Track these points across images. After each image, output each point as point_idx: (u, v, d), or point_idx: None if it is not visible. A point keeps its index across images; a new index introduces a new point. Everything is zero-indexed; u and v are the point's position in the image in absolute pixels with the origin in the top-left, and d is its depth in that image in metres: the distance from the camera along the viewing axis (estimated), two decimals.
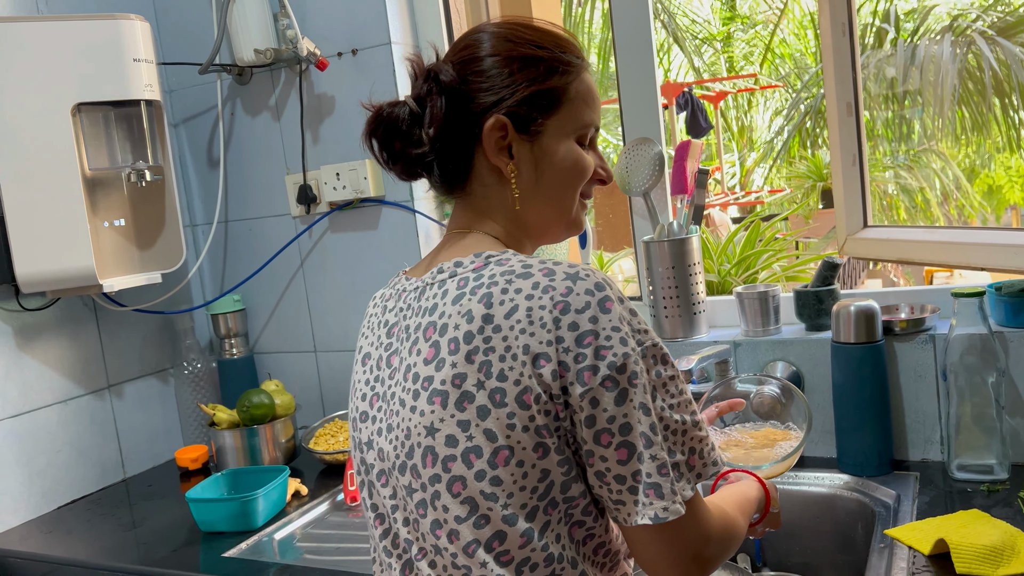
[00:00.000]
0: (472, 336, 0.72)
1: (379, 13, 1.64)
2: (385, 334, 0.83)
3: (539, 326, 0.71)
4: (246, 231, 1.88)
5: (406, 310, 0.81)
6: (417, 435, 0.74)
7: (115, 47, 1.49)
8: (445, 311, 0.75)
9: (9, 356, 1.55)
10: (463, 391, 0.72)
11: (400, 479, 0.77)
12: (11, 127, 1.45)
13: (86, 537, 1.46)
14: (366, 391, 0.83)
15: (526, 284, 0.73)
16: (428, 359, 0.75)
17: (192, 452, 1.74)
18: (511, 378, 0.71)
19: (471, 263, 0.78)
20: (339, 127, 1.72)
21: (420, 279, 0.82)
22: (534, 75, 0.79)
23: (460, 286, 0.76)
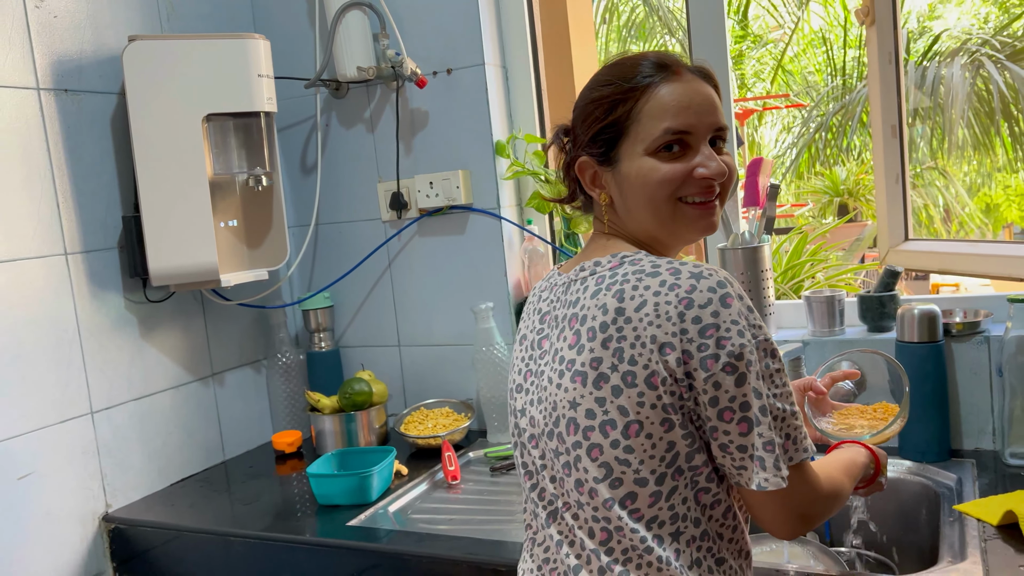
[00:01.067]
0: (607, 326, 0.86)
1: (474, 35, 1.79)
2: (538, 320, 0.98)
3: (665, 319, 0.83)
4: (336, 234, 2.03)
5: (555, 301, 0.96)
6: (562, 408, 0.89)
7: (242, 63, 1.63)
8: (585, 304, 0.89)
9: (135, 344, 1.69)
10: (599, 372, 0.85)
11: (548, 443, 0.92)
12: (149, 135, 1.59)
13: (209, 509, 1.60)
14: (522, 367, 0.98)
15: (654, 282, 0.85)
16: (571, 344, 0.89)
17: (288, 436, 1.88)
18: (640, 363, 0.83)
19: (608, 263, 0.92)
20: (431, 140, 1.87)
21: (568, 275, 0.96)
22: (598, 114, 0.93)
23: (598, 283, 0.90)
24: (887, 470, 1.10)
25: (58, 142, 1.56)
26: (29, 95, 1.52)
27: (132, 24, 1.71)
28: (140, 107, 1.58)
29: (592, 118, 0.93)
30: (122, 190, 1.68)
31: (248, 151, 1.75)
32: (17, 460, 1.47)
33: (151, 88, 1.58)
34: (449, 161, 1.86)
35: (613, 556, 0.88)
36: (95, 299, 1.62)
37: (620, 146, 0.92)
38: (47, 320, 1.53)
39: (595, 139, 0.93)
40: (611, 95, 0.92)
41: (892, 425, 1.18)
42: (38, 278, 1.52)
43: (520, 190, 1.91)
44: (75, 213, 1.59)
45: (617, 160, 0.92)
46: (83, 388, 1.59)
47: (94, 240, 1.62)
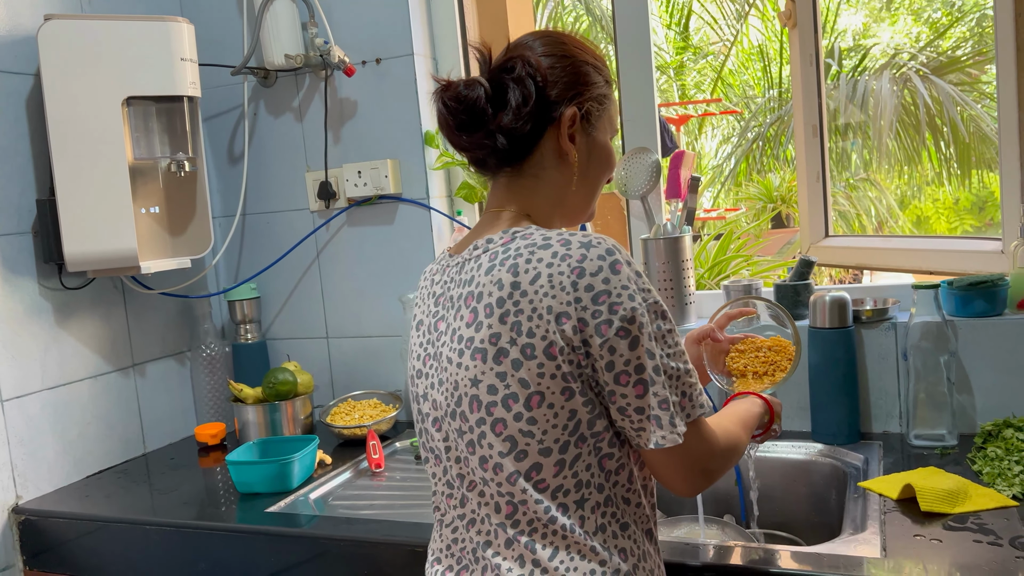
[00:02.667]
0: (504, 301, 0.86)
1: (403, 27, 1.80)
2: (433, 303, 0.97)
3: (559, 289, 0.84)
4: (264, 224, 2.00)
5: (449, 283, 0.95)
6: (464, 386, 0.88)
7: (164, 46, 1.61)
8: (480, 281, 0.89)
9: (50, 332, 1.65)
10: (499, 348, 0.86)
11: (452, 424, 0.91)
12: (66, 117, 1.56)
13: (125, 500, 1.56)
14: (420, 352, 0.97)
15: (546, 254, 0.86)
16: (469, 323, 0.89)
17: (211, 428, 1.85)
18: (538, 335, 0.84)
19: (500, 239, 0.91)
20: (360, 129, 1.87)
21: (460, 255, 0.95)
22: (599, 79, 0.97)
23: (491, 259, 0.89)
24: (781, 418, 1.14)
25: None
26: None
27: (51, 4, 1.67)
28: (56, 88, 1.55)
29: (598, 79, 0.96)
30: (37, 173, 1.64)
31: (171, 136, 1.72)
32: None
33: (68, 69, 1.55)
34: (378, 151, 1.86)
35: (519, 528, 0.89)
36: (7, 284, 1.57)
37: (602, 118, 0.98)
38: None
39: (597, 99, 0.96)
40: (604, 70, 0.98)
41: (786, 376, 1.21)
42: None
43: (450, 181, 1.92)
44: None
45: (594, 128, 0.97)
46: None
47: (6, 224, 1.58)
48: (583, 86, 0.95)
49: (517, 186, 0.97)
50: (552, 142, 0.95)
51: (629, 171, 1.71)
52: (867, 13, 9.61)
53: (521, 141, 0.93)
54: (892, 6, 9.55)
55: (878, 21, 9.64)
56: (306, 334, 2.01)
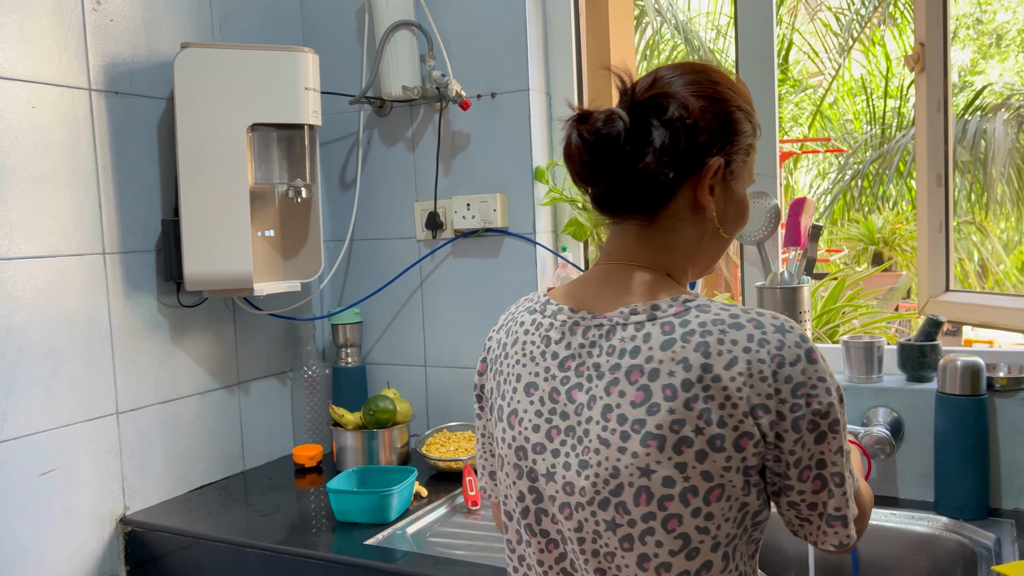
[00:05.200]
0: (691, 384, 0.77)
1: (520, 61, 1.79)
2: (557, 366, 0.85)
3: (759, 379, 0.77)
4: (370, 250, 2.03)
5: (589, 347, 0.84)
6: (628, 475, 0.78)
7: (291, 76, 1.65)
8: (654, 356, 0.79)
9: (164, 347, 1.70)
10: (681, 436, 0.77)
11: (600, 514, 0.81)
12: (195, 141, 1.61)
13: (226, 518, 1.59)
14: (539, 422, 0.86)
15: (740, 336, 0.78)
16: (636, 402, 0.79)
17: (309, 451, 1.87)
18: (730, 424, 0.77)
19: (669, 307, 0.82)
20: (471, 162, 1.87)
21: (605, 316, 0.84)
22: (749, 128, 0.88)
23: (666, 331, 0.80)
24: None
25: (105, 143, 1.58)
26: (80, 95, 1.54)
27: (185, 32, 1.74)
28: (187, 112, 1.60)
29: (743, 130, 0.87)
30: (163, 194, 1.69)
31: (290, 163, 1.76)
32: (41, 455, 1.47)
33: (199, 94, 1.60)
34: (487, 184, 1.86)
35: None
36: (129, 300, 1.63)
37: (744, 169, 0.89)
38: (81, 318, 1.54)
39: (744, 150, 0.88)
40: (755, 120, 0.90)
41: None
42: (76, 276, 1.53)
43: (556, 217, 1.90)
44: (116, 214, 1.60)
45: (735, 179, 0.89)
46: (111, 388, 1.59)
47: (132, 242, 1.63)
48: (733, 135, 0.86)
49: (649, 238, 0.88)
50: (690, 192, 0.85)
51: None
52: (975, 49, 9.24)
53: (659, 188, 0.84)
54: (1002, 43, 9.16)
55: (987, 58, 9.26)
56: (405, 361, 2.02)
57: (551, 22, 1.85)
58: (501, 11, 1.80)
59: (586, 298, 0.88)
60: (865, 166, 6.64)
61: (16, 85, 1.43)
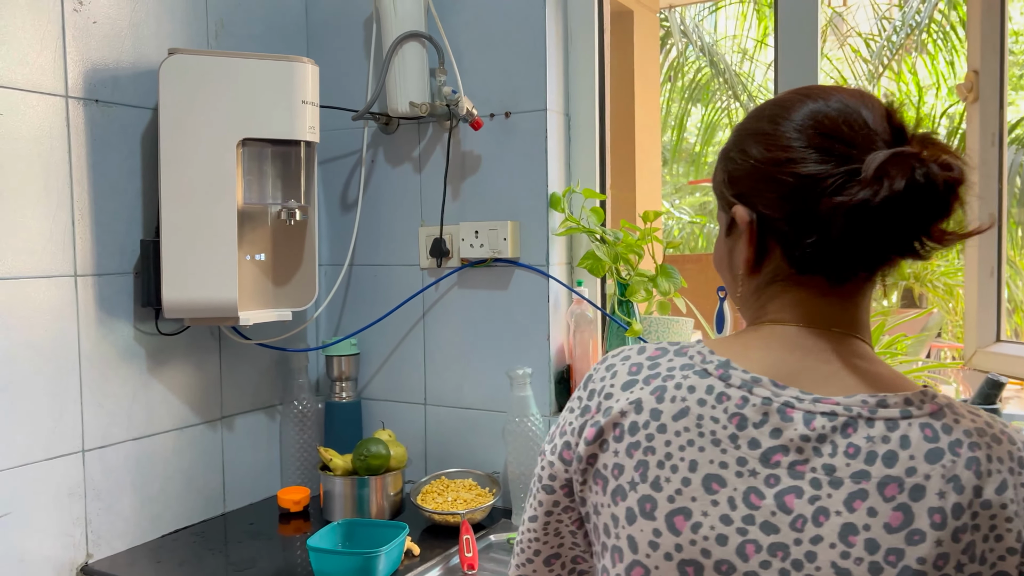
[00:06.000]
0: (961, 510, 0.63)
1: (538, 79, 1.65)
2: (759, 460, 0.67)
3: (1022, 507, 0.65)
4: (370, 276, 1.88)
5: (816, 441, 0.66)
6: None
7: (286, 88, 1.51)
8: (918, 468, 0.64)
9: (140, 379, 1.56)
10: (943, 574, 0.63)
11: None
12: (179, 155, 1.48)
13: (198, 570, 1.43)
14: (727, 532, 0.66)
15: (1003, 452, 0.66)
16: (893, 526, 0.63)
17: (295, 494, 1.72)
18: (989, 560, 0.64)
19: (921, 403, 0.68)
20: (481, 186, 1.73)
21: (840, 404, 0.67)
22: None
23: (927, 437, 0.65)
24: None
25: (82, 155, 1.45)
26: (56, 102, 1.41)
27: (177, 38, 1.61)
28: (172, 124, 1.47)
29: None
30: (145, 212, 1.56)
31: (284, 181, 1.62)
32: None
33: (186, 105, 1.47)
34: (497, 210, 1.72)
35: None
36: (102, 326, 1.49)
37: None
38: (47, 345, 1.40)
39: None
40: None
41: None
42: (43, 299, 1.39)
43: (572, 248, 1.75)
44: (91, 232, 1.47)
45: None
46: (77, 423, 1.45)
47: (109, 263, 1.50)
48: None
49: (865, 304, 0.74)
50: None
51: None
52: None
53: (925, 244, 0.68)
54: None
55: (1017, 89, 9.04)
56: (403, 398, 1.87)
57: (573, 39, 1.71)
58: (518, 24, 1.66)
59: (795, 370, 0.70)
60: None
61: None
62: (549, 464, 0.77)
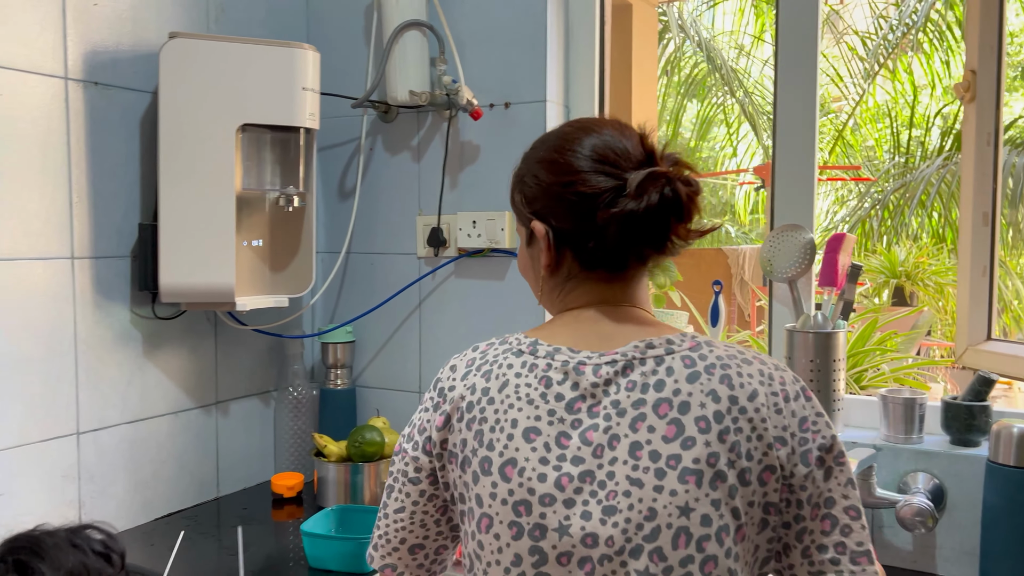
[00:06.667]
0: (722, 416, 0.77)
1: (538, 70, 1.65)
2: (564, 408, 0.80)
3: (775, 411, 0.79)
4: (367, 264, 1.89)
5: (603, 385, 0.80)
6: (667, 516, 0.75)
7: (287, 74, 1.51)
8: (681, 388, 0.79)
9: (135, 362, 1.56)
10: (716, 470, 0.76)
11: (630, 563, 0.75)
12: (178, 139, 1.47)
13: (190, 556, 1.44)
14: (545, 471, 0.79)
15: (753, 370, 0.81)
16: (669, 436, 0.77)
17: (289, 479, 1.72)
18: (755, 457, 0.77)
19: (682, 342, 0.83)
20: (479, 176, 1.73)
21: (617, 353, 0.82)
22: None
23: (687, 364, 0.80)
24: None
25: (80, 137, 1.45)
26: (55, 84, 1.41)
27: (177, 22, 1.60)
28: (171, 108, 1.47)
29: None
30: (143, 195, 1.56)
31: (282, 168, 1.62)
32: None
33: (185, 89, 1.47)
34: (495, 201, 1.72)
35: None
36: (99, 310, 1.49)
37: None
38: (43, 327, 1.40)
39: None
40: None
41: None
42: (39, 281, 1.39)
43: None
44: (89, 215, 1.46)
45: None
46: (72, 405, 1.45)
47: (106, 246, 1.50)
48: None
49: (640, 284, 0.91)
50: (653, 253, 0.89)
51: (776, 249, 1.51)
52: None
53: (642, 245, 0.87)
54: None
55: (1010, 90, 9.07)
56: (398, 386, 1.88)
57: (573, 30, 1.71)
58: (519, 15, 1.66)
59: (584, 338, 0.85)
60: (887, 196, 6.47)
61: None
62: (413, 459, 0.88)
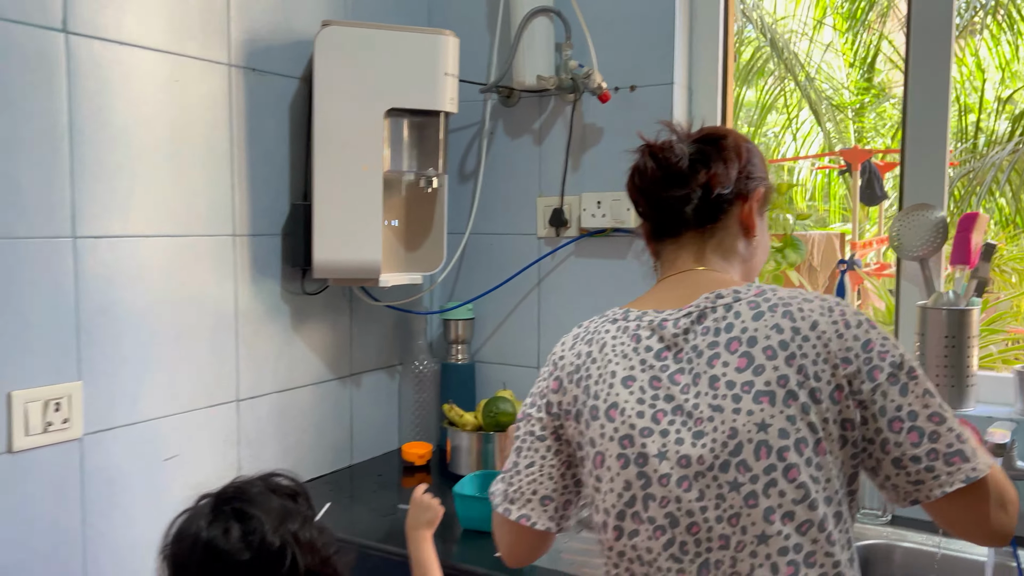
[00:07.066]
0: (787, 344, 0.87)
1: (666, 54, 1.70)
2: (653, 357, 0.93)
3: (836, 336, 0.87)
4: (485, 245, 1.95)
5: (683, 334, 0.93)
6: (747, 433, 0.86)
7: (431, 59, 1.58)
8: (748, 327, 0.90)
9: (284, 335, 1.65)
10: (787, 390, 0.86)
11: (721, 477, 0.87)
12: (331, 123, 1.55)
13: (344, 516, 1.53)
14: (642, 409, 0.91)
15: (814, 306, 0.90)
16: (741, 367, 0.88)
17: (419, 448, 1.80)
18: (823, 378, 0.86)
19: (747, 290, 0.94)
20: (602, 157, 1.79)
21: (692, 306, 0.94)
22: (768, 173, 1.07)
23: (752, 307, 0.91)
24: None
25: (241, 122, 1.53)
26: (220, 70, 1.49)
27: (320, 10, 1.68)
28: (326, 93, 1.54)
29: (768, 175, 1.05)
30: (292, 177, 1.64)
31: (419, 150, 1.69)
32: (167, 440, 1.43)
33: (338, 75, 1.54)
34: (615, 182, 1.76)
35: None
36: (254, 285, 1.58)
37: (766, 211, 1.08)
38: (209, 301, 1.49)
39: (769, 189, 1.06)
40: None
41: None
42: (206, 257, 1.49)
43: None
44: (247, 195, 1.55)
45: (764, 215, 1.07)
46: (233, 375, 1.54)
47: (261, 224, 1.58)
48: (767, 176, 1.05)
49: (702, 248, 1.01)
50: (736, 214, 1.01)
51: (905, 227, 1.54)
52: None
53: (711, 209, 0.99)
54: None
55: None
56: (516, 361, 1.94)
57: (697, 12, 1.75)
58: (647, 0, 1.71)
59: (666, 300, 0.98)
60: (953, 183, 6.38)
61: (160, 57, 1.39)
62: (538, 420, 1.01)
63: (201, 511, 0.97)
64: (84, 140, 1.28)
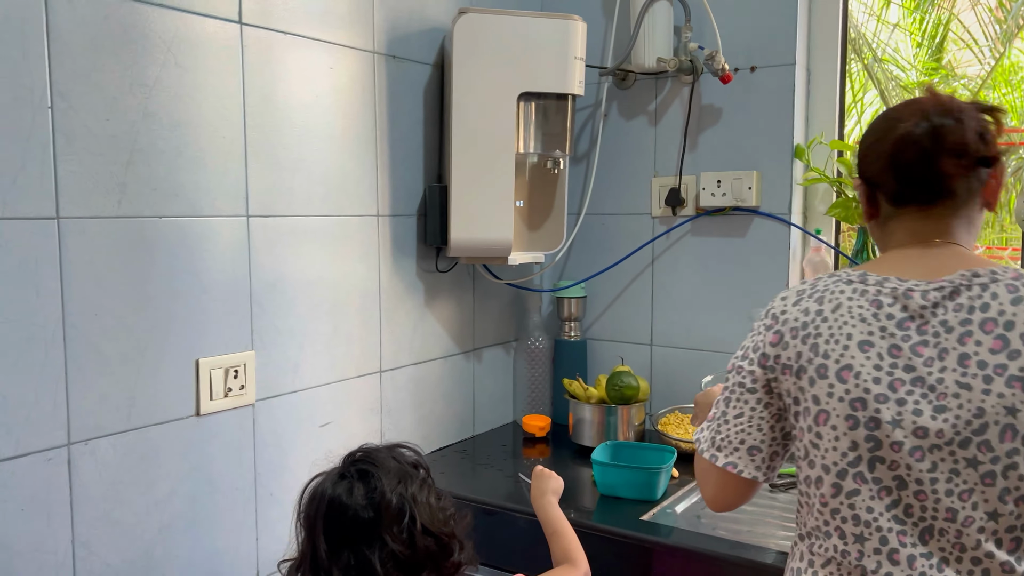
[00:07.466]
0: None
1: (787, 35, 1.73)
2: (895, 325, 0.93)
3: None
4: (598, 224, 2.01)
5: (931, 307, 0.93)
6: (995, 414, 0.88)
7: (563, 44, 1.64)
8: (1006, 310, 0.90)
9: (419, 311, 1.73)
10: None
11: (959, 452, 0.89)
12: (467, 107, 1.62)
13: (481, 481, 1.60)
14: (879, 375, 0.93)
15: None
16: (996, 349, 0.89)
17: (539, 420, 1.88)
18: None
19: (1005, 272, 0.94)
20: (720, 138, 1.82)
21: (944, 280, 0.94)
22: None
23: (1011, 291, 0.91)
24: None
25: (383, 107, 1.61)
26: (366, 58, 1.57)
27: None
28: (463, 78, 1.61)
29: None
30: (426, 160, 1.71)
31: (545, 133, 1.75)
32: (322, 408, 1.52)
33: (474, 61, 1.61)
34: (734, 161, 1.81)
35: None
36: (394, 263, 1.66)
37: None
38: (358, 277, 1.58)
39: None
40: None
41: None
42: (356, 236, 1.57)
43: (806, 198, 1.84)
44: (388, 177, 1.63)
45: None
46: (376, 347, 1.63)
47: (399, 205, 1.66)
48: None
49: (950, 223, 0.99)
50: (980, 190, 0.99)
51: None
52: None
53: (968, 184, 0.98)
54: None
55: None
56: (628, 338, 2.00)
57: None
58: None
59: (909, 270, 0.97)
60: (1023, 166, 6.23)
61: (318, 46, 1.47)
62: (750, 372, 1.02)
63: (331, 473, 1.02)
64: (255, 124, 1.37)
